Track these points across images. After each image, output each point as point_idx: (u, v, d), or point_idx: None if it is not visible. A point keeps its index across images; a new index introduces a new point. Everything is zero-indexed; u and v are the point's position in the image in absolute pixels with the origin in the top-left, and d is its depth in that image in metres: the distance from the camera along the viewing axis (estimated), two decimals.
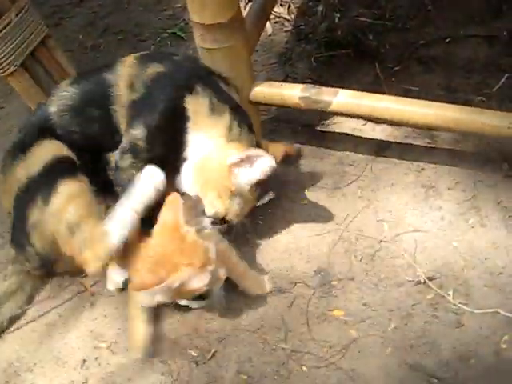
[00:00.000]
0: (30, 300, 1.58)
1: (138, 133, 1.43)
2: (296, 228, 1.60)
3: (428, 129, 1.67)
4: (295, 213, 1.63)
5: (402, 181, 1.64)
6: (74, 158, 1.47)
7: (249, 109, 1.64)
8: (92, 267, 1.38)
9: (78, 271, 1.46)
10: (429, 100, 1.54)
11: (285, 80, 1.98)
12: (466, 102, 1.63)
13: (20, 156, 1.47)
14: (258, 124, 1.75)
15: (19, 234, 1.48)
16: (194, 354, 1.40)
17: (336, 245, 1.54)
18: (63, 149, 1.46)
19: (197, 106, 1.44)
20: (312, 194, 1.65)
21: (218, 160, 1.44)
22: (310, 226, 1.59)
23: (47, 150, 1.45)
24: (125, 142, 1.45)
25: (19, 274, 1.57)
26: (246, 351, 1.39)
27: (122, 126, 1.48)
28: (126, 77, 1.48)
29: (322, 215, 1.61)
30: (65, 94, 1.51)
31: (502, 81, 1.79)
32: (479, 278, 1.43)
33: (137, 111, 1.45)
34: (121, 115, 1.48)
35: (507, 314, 1.36)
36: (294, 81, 1.96)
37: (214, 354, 1.39)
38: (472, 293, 1.41)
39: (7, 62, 1.68)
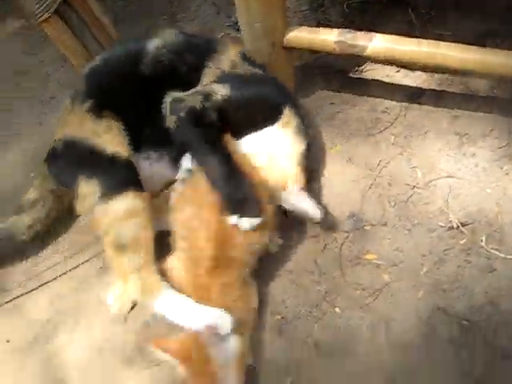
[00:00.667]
0: (47, 217, 1.63)
1: (221, 89, 1.46)
2: (329, 174, 1.61)
3: (465, 74, 1.64)
4: (328, 159, 1.63)
5: (435, 128, 1.62)
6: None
7: (282, 55, 1.63)
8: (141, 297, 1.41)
9: None
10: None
11: (317, 27, 1.95)
12: (502, 47, 1.59)
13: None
14: (290, 71, 1.74)
15: (63, 170, 1.53)
16: None
17: (369, 191, 1.54)
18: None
19: (289, 119, 1.48)
20: (345, 141, 1.65)
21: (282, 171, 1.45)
22: (343, 172, 1.59)
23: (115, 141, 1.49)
24: (199, 88, 1.50)
25: (41, 189, 1.61)
26: (280, 293, 1.43)
27: (205, 79, 1.51)
28: (231, 56, 1.55)
29: (355, 161, 1.61)
30: (171, 37, 1.55)
31: None
32: None
33: (232, 81, 1.49)
34: (210, 73, 1.51)
35: None
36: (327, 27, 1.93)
37: None
38: (505, 238, 1.41)
39: (41, 8, 1.67)
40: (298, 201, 1.41)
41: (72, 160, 1.51)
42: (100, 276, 1.56)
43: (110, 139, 1.47)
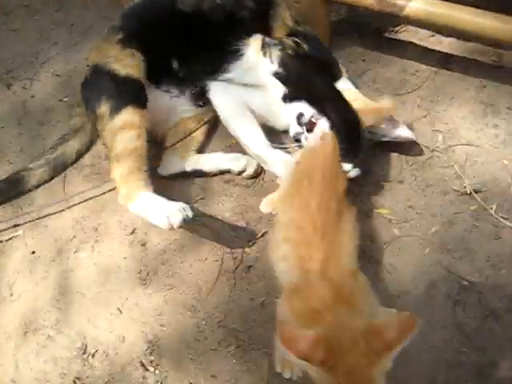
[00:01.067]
0: (90, 141, 1.75)
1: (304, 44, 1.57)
2: None
3: (498, 45, 1.66)
4: None
5: (462, 95, 1.66)
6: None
7: (321, 9, 1.65)
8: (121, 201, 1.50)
9: None
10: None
11: None
12: None
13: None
14: (327, 26, 1.76)
15: (90, 94, 1.60)
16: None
17: (389, 148, 1.59)
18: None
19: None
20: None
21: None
22: None
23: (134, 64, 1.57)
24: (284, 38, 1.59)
25: (82, 115, 1.70)
26: None
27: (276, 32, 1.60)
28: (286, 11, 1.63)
29: None
30: None
31: None
32: None
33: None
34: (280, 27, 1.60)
35: None
36: None
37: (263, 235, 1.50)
38: None
39: None
40: (398, 128, 1.53)
41: (96, 84, 1.60)
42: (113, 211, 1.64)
43: (127, 64, 1.56)
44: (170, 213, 1.38)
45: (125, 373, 1.37)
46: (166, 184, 1.60)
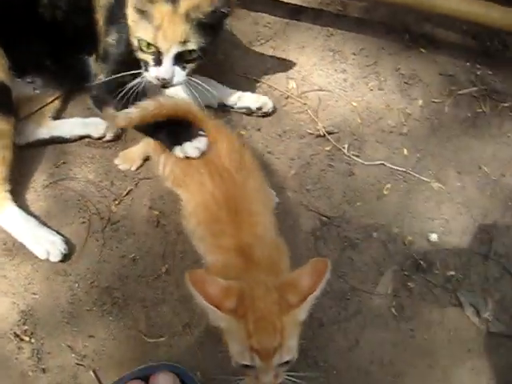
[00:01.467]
0: None
1: None
2: None
3: None
4: (211, 69, 1.69)
5: (311, 44, 1.73)
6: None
7: None
8: None
9: None
10: None
11: None
12: None
13: None
14: None
15: None
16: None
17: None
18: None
19: None
20: (227, 51, 1.72)
21: None
22: (224, 80, 1.64)
23: None
24: None
25: None
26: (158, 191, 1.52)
27: None
28: None
29: (236, 70, 1.68)
30: None
31: None
32: (372, 135, 1.61)
33: None
34: None
35: (391, 166, 1.56)
36: None
37: (128, 192, 1.51)
38: (364, 147, 1.59)
39: None
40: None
41: None
42: None
43: None
44: (49, 248, 1.40)
45: None
46: (26, 153, 1.55)
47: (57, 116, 1.60)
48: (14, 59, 1.44)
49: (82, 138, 1.57)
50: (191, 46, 1.30)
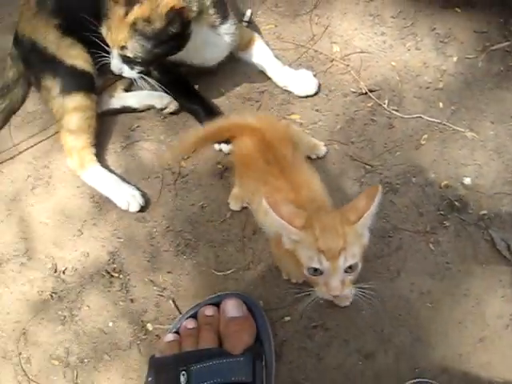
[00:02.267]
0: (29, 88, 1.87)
1: None
2: None
3: None
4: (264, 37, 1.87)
5: (353, 10, 1.88)
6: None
7: None
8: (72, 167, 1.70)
9: None
10: None
11: None
12: None
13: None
14: None
15: (31, 64, 1.74)
16: None
17: (296, 62, 1.82)
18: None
19: None
20: (275, 20, 1.89)
21: None
22: (273, 45, 1.84)
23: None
24: None
25: (18, 66, 1.80)
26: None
27: None
28: None
29: (284, 38, 1.86)
30: None
31: None
32: (410, 91, 1.75)
33: None
34: None
35: (428, 118, 1.70)
36: None
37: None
38: (403, 102, 1.74)
39: None
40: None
41: (38, 59, 1.70)
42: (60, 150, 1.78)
43: (71, 54, 1.67)
44: (130, 200, 1.64)
45: (93, 282, 1.60)
46: (105, 120, 1.79)
47: (128, 89, 1.85)
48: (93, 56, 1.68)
49: (148, 108, 1.80)
50: (128, 53, 1.50)
